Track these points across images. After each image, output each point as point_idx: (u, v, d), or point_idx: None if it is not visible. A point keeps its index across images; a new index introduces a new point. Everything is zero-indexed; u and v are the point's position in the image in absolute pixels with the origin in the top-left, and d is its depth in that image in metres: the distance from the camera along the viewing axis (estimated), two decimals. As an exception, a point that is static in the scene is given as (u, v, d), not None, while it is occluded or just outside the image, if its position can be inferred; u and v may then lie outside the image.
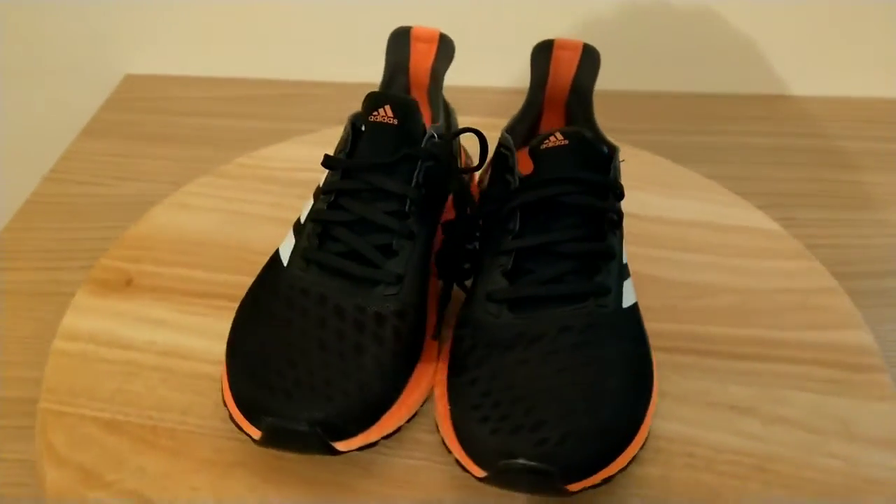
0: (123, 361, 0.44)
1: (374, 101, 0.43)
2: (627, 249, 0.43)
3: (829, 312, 0.48)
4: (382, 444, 0.39)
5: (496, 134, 0.46)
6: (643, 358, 0.40)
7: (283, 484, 0.38)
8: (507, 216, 0.42)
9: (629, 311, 0.41)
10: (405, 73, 0.51)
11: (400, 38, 0.50)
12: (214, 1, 0.74)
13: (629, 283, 0.42)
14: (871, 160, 0.68)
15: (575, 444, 0.34)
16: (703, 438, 0.41)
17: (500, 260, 0.41)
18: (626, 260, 0.42)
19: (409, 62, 0.51)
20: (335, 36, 0.74)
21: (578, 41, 0.48)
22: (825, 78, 0.75)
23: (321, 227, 0.41)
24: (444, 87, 0.51)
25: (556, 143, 0.42)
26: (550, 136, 0.42)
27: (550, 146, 0.42)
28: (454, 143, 0.48)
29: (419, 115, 0.43)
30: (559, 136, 0.42)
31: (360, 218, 0.41)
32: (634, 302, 0.42)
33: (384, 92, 0.47)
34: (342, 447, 0.37)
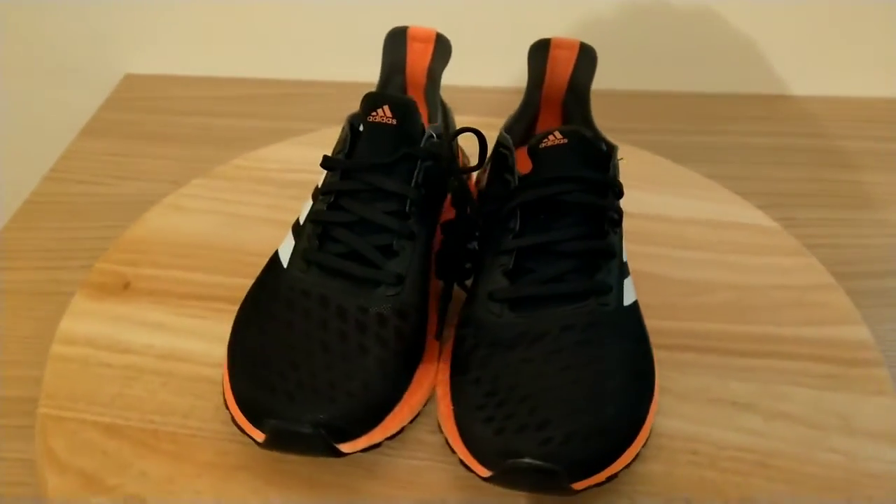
0: (123, 365, 0.43)
1: (372, 101, 0.43)
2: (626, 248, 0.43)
3: (826, 308, 0.49)
4: (386, 444, 0.38)
5: (494, 133, 0.46)
6: (645, 356, 0.40)
7: (286, 486, 0.38)
8: (507, 215, 0.41)
9: (630, 309, 0.41)
10: (402, 72, 0.51)
11: (396, 37, 0.50)
12: (214, 1, 0.74)
13: (629, 281, 0.42)
14: (870, 160, 0.68)
15: (579, 442, 0.35)
16: (705, 435, 0.41)
17: (500, 259, 0.41)
18: (626, 258, 0.42)
19: (405, 62, 0.50)
20: (335, 35, 0.74)
21: (575, 40, 0.48)
22: (825, 78, 0.75)
23: (321, 227, 0.41)
24: (441, 86, 0.51)
25: (555, 141, 0.42)
26: (549, 134, 0.42)
27: (549, 145, 0.42)
28: (452, 142, 0.47)
29: (418, 115, 0.43)
30: (558, 134, 0.42)
31: (360, 218, 0.41)
32: (635, 300, 0.42)
33: (383, 92, 0.47)
34: (346, 449, 0.36)
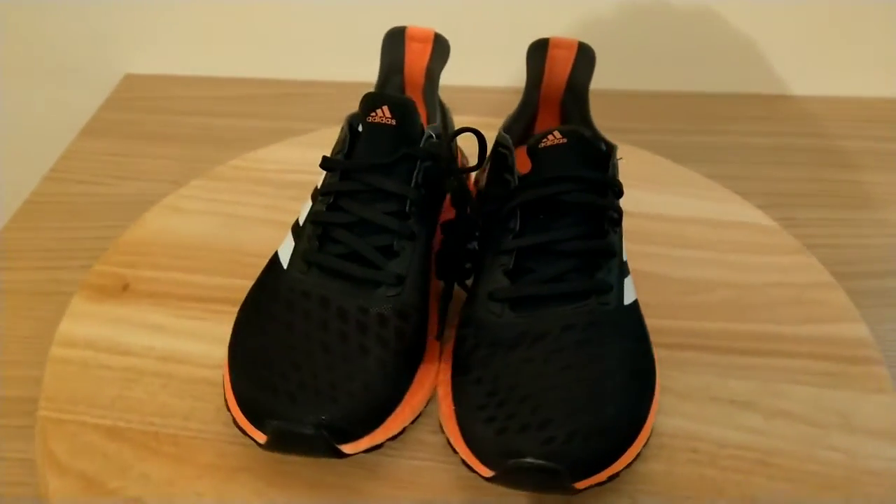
0: (122, 368, 0.43)
1: (371, 101, 0.43)
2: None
3: (824, 306, 0.49)
4: (387, 445, 0.38)
5: (492, 133, 0.46)
6: (645, 355, 0.40)
7: (288, 488, 0.38)
8: (507, 215, 0.41)
9: (630, 308, 0.41)
10: (400, 73, 0.51)
11: (395, 38, 0.50)
12: (214, 1, 0.74)
13: (629, 280, 0.42)
14: (870, 160, 0.68)
15: (582, 441, 0.35)
16: (705, 433, 0.41)
17: (501, 259, 0.41)
18: (626, 257, 0.42)
19: (403, 62, 0.50)
20: (335, 35, 0.74)
21: (573, 40, 0.48)
22: (825, 78, 0.75)
23: (321, 228, 0.41)
24: (440, 86, 0.51)
25: (554, 141, 0.42)
26: (549, 134, 0.42)
27: (549, 145, 0.42)
28: (452, 142, 0.47)
29: (417, 115, 0.43)
30: (557, 134, 0.42)
31: (360, 219, 0.41)
32: (635, 299, 0.42)
33: (382, 92, 0.47)
34: (348, 450, 0.36)
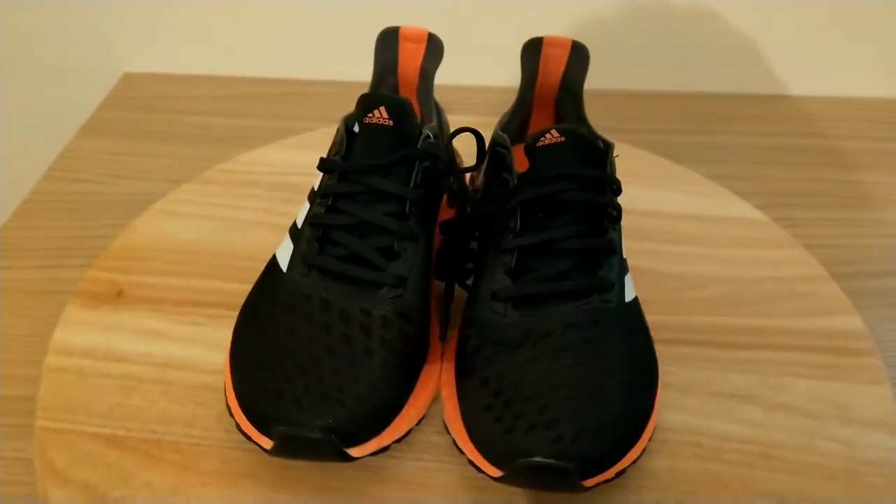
0: (121, 375, 0.43)
1: (368, 102, 0.43)
2: (621, 244, 0.43)
3: (817, 299, 0.49)
4: (393, 447, 0.38)
5: (487, 132, 0.46)
6: (648, 351, 0.40)
7: (293, 493, 0.38)
8: (507, 214, 0.41)
9: (631, 305, 0.41)
10: (394, 73, 0.51)
11: (388, 38, 0.50)
12: (214, 0, 0.73)
13: (629, 277, 0.42)
14: (870, 160, 0.68)
15: (590, 440, 0.35)
16: (708, 428, 0.41)
17: (502, 258, 0.41)
18: (625, 255, 0.43)
19: (397, 62, 0.50)
20: (335, 35, 0.73)
21: (567, 38, 0.48)
22: (825, 78, 0.75)
23: (320, 230, 0.41)
24: (435, 86, 0.51)
25: (552, 139, 0.42)
26: (546, 133, 0.42)
27: (547, 143, 0.42)
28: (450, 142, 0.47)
29: (414, 115, 0.43)
30: (555, 133, 0.42)
31: (359, 221, 0.41)
32: (635, 296, 0.42)
33: (379, 93, 0.47)
34: (355, 453, 0.36)
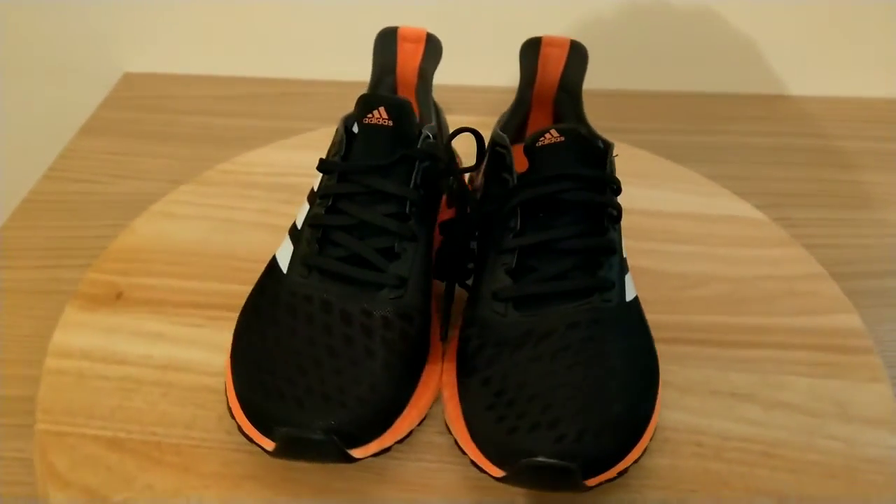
0: (120, 377, 0.43)
1: (367, 103, 0.43)
2: (620, 243, 0.43)
3: (816, 297, 0.49)
4: (395, 448, 0.38)
5: (485, 132, 0.46)
6: (649, 350, 0.40)
7: (295, 494, 0.38)
8: (507, 214, 0.41)
9: (632, 304, 0.41)
10: (392, 73, 0.51)
11: (386, 38, 0.50)
12: (214, 0, 0.73)
13: (629, 277, 0.42)
14: (870, 160, 0.68)
15: (592, 439, 0.35)
16: (708, 427, 0.41)
17: (503, 258, 0.41)
18: (625, 254, 0.43)
19: (396, 62, 0.50)
20: (335, 35, 0.73)
21: (566, 38, 0.48)
22: (825, 78, 0.75)
23: (320, 231, 0.41)
24: (434, 86, 0.51)
25: (551, 139, 0.42)
26: (546, 133, 0.42)
27: (546, 143, 0.42)
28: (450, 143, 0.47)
29: (414, 116, 0.43)
30: (555, 132, 0.42)
31: (359, 221, 0.41)
32: (636, 295, 0.42)
33: (378, 94, 0.47)
34: (358, 454, 0.36)
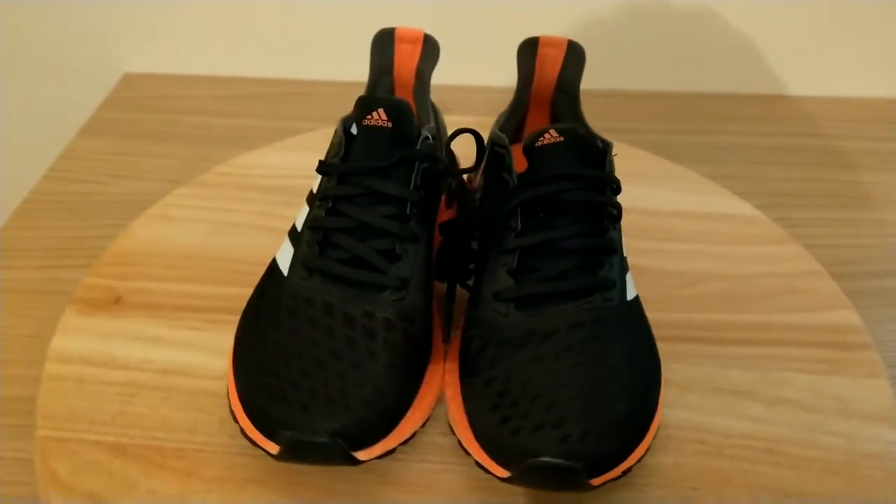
0: (121, 382, 0.42)
1: (366, 104, 0.42)
2: (619, 242, 0.43)
3: (814, 294, 0.50)
4: (398, 450, 0.38)
5: (485, 132, 0.46)
6: (651, 349, 0.40)
7: (299, 498, 0.38)
8: (508, 214, 0.41)
9: (633, 303, 0.41)
10: (390, 74, 0.51)
11: (384, 39, 0.50)
12: (214, 0, 0.73)
13: (630, 276, 0.42)
14: (870, 160, 0.68)
15: (596, 438, 0.35)
16: (710, 424, 0.42)
17: (504, 258, 0.41)
18: (626, 253, 0.43)
19: (393, 63, 0.50)
20: (335, 35, 0.73)
21: (563, 38, 0.49)
22: (825, 78, 0.75)
23: (321, 233, 0.41)
24: (433, 86, 0.51)
25: (551, 139, 0.42)
26: (545, 133, 0.42)
27: (546, 143, 0.42)
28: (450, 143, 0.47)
29: (413, 117, 0.43)
30: (554, 132, 0.42)
31: (360, 223, 0.40)
32: (636, 294, 0.42)
33: (377, 95, 0.47)
34: (362, 456, 0.36)
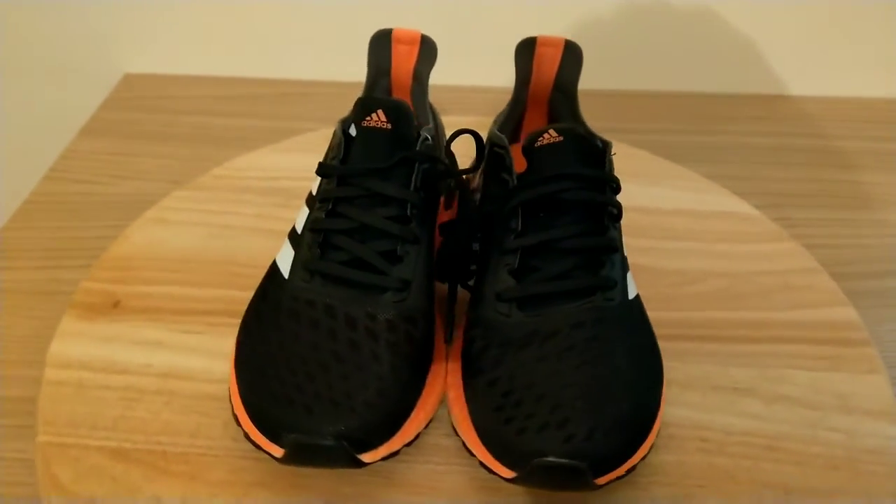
0: (122, 387, 0.42)
1: (365, 106, 0.42)
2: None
3: (812, 291, 0.50)
4: (403, 451, 0.38)
5: (484, 132, 0.46)
6: (652, 348, 0.40)
7: (304, 501, 0.38)
8: (508, 215, 0.41)
9: (634, 302, 0.41)
10: (387, 75, 0.50)
11: (381, 40, 0.50)
12: (214, 1, 0.73)
13: (630, 275, 0.42)
14: (870, 160, 0.68)
15: (601, 437, 0.35)
16: (711, 422, 0.42)
17: (505, 259, 0.41)
18: (626, 252, 0.43)
19: (390, 65, 0.50)
20: (335, 35, 0.73)
21: (560, 38, 0.49)
22: (824, 78, 0.75)
23: (321, 235, 0.41)
24: (431, 86, 0.51)
25: (550, 139, 0.42)
26: (544, 133, 0.42)
27: (545, 143, 0.42)
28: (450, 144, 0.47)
29: (412, 118, 0.43)
30: (553, 132, 0.42)
31: (360, 225, 0.40)
32: (637, 293, 0.42)
33: (376, 97, 0.47)
34: (367, 459, 0.36)
